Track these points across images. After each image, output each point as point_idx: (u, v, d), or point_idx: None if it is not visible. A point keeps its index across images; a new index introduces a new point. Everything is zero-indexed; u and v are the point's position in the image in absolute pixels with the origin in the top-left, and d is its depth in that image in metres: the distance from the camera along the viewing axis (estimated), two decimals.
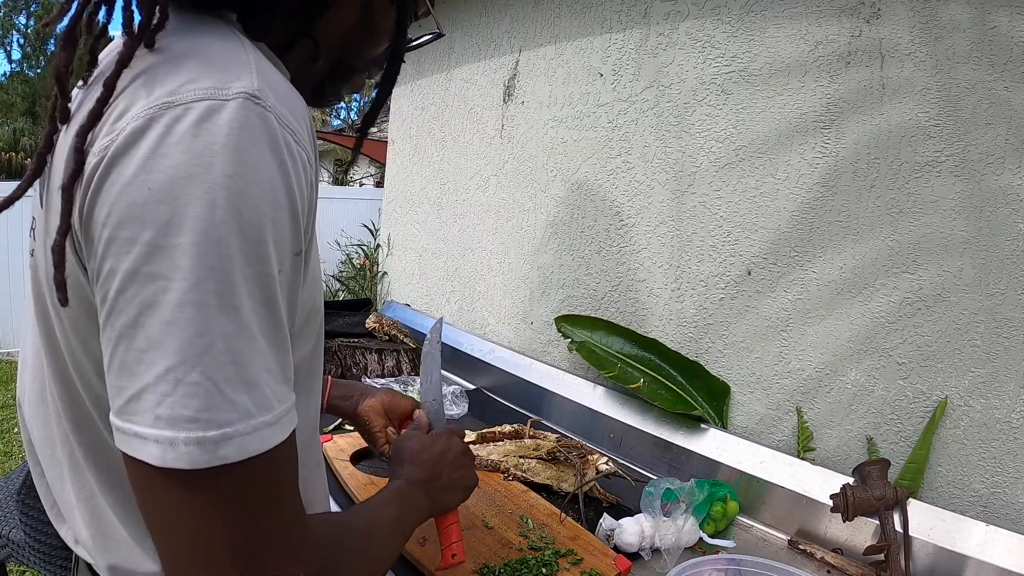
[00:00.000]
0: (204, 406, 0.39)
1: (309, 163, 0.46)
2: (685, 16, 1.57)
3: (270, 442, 0.42)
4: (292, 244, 0.45)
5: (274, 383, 0.43)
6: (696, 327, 1.55)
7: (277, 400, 0.44)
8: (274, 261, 0.42)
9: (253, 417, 0.41)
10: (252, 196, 0.41)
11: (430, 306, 2.51)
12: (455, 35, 2.39)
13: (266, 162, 0.41)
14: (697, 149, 1.54)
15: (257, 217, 0.41)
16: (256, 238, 0.41)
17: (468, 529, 1.08)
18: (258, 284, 0.41)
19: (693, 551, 1.14)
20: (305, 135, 0.46)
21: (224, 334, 0.40)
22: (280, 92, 0.45)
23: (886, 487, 1.11)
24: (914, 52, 1.19)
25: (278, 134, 0.42)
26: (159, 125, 0.40)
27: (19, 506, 1.04)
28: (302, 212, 0.45)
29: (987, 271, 1.12)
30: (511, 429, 1.47)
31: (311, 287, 0.54)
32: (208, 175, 0.39)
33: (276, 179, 0.42)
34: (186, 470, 0.39)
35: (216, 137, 0.40)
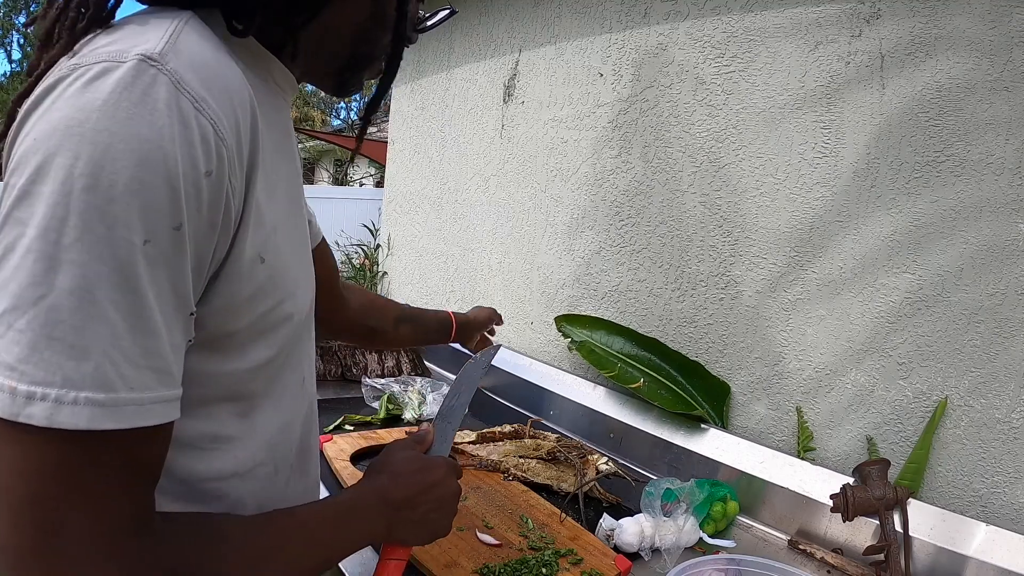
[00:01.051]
0: (23, 356, 0.38)
1: (217, 135, 0.44)
2: (685, 16, 1.57)
3: (96, 423, 0.39)
4: (169, 215, 0.41)
5: (123, 362, 0.40)
6: (696, 327, 1.55)
7: (124, 383, 0.40)
8: (137, 228, 0.40)
9: (75, 388, 0.38)
10: (117, 154, 0.39)
11: (430, 306, 2.51)
12: (455, 35, 2.40)
13: (145, 122, 0.40)
14: (697, 149, 1.54)
15: (119, 176, 0.39)
16: (113, 197, 0.39)
17: (468, 530, 1.08)
18: (109, 246, 0.39)
19: (693, 551, 1.14)
20: (216, 105, 0.44)
21: (59, 289, 0.38)
22: (198, 62, 0.44)
23: (886, 487, 1.11)
24: (914, 52, 1.19)
25: (172, 98, 0.41)
26: (63, 84, 0.41)
27: None
28: (188, 182, 0.42)
29: (987, 271, 1.12)
30: (511, 429, 1.47)
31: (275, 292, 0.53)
32: (80, 128, 0.39)
33: (151, 140, 0.40)
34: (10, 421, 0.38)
35: (99, 94, 0.40)
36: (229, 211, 0.46)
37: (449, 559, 0.98)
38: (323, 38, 0.57)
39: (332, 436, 1.42)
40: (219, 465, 0.55)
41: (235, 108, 0.46)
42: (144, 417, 0.42)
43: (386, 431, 1.51)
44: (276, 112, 0.58)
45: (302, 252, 0.61)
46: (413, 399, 1.69)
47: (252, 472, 0.58)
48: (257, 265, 0.50)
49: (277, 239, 0.53)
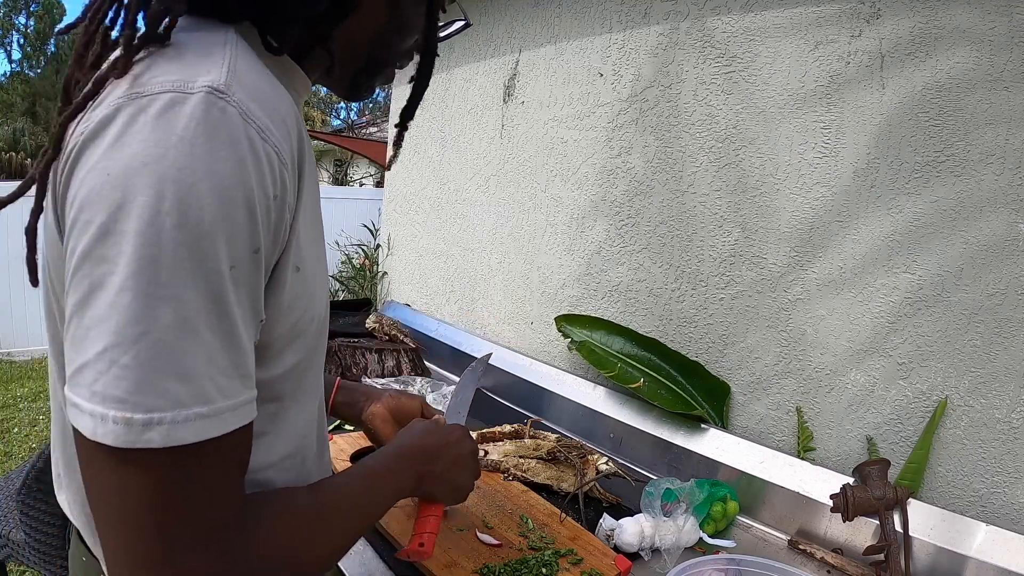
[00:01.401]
0: (133, 389, 0.40)
1: (280, 160, 0.46)
2: (685, 16, 1.57)
3: (204, 434, 0.43)
4: (249, 241, 0.44)
5: (219, 376, 0.43)
6: (696, 327, 1.55)
7: (220, 394, 0.43)
8: (224, 257, 0.42)
9: (185, 407, 0.41)
10: (202, 191, 0.41)
11: (430, 306, 2.51)
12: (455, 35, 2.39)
13: (222, 156, 0.41)
14: (697, 149, 1.54)
15: (205, 212, 0.41)
16: (202, 233, 0.41)
17: (468, 530, 1.08)
18: (204, 279, 0.41)
19: (693, 551, 1.14)
20: (276, 132, 0.46)
21: (161, 324, 0.40)
22: (256, 89, 0.46)
23: (886, 487, 1.11)
24: (914, 52, 1.19)
25: (240, 131, 0.43)
26: (124, 114, 0.42)
27: (19, 506, 1.04)
28: (262, 209, 0.44)
29: (987, 271, 1.12)
30: (511, 429, 1.47)
31: (304, 299, 0.54)
32: (160, 165, 0.40)
33: (231, 174, 0.42)
34: (112, 447, 0.41)
35: (174, 129, 0.41)
36: (286, 228, 0.48)
37: (449, 559, 0.98)
38: (343, 45, 0.59)
39: (332, 436, 1.42)
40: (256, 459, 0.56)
41: (289, 132, 0.48)
42: (238, 419, 0.45)
43: None
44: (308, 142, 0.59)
45: (321, 253, 0.62)
46: None
47: (282, 463, 0.61)
48: (294, 274, 0.52)
49: (311, 251, 0.54)
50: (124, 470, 0.42)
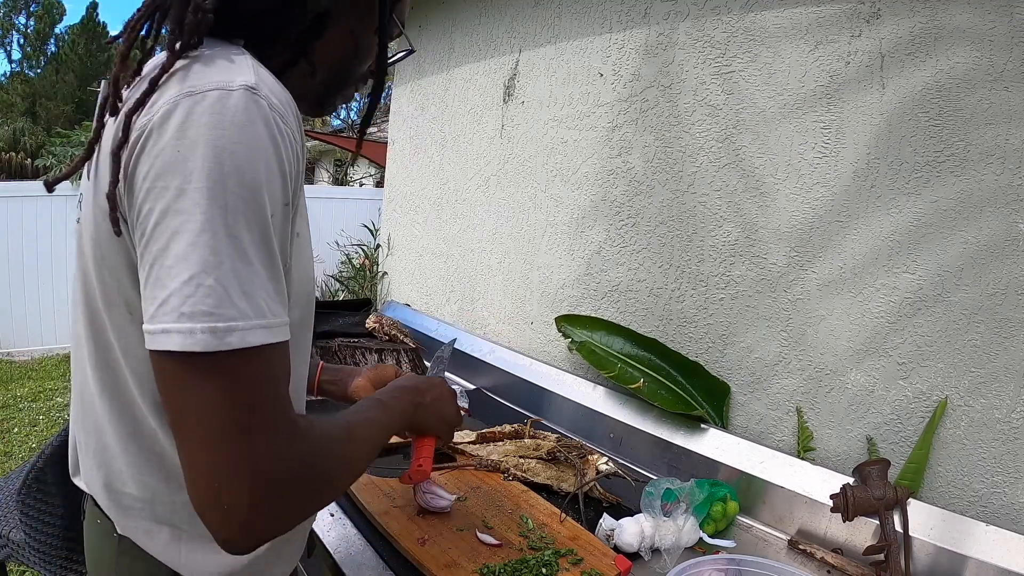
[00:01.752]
0: (217, 304, 0.52)
1: (293, 139, 0.59)
2: (685, 16, 1.57)
3: (265, 340, 0.54)
4: (282, 196, 0.58)
5: (268, 299, 0.55)
6: (696, 327, 1.55)
7: (271, 312, 0.55)
8: (268, 206, 0.55)
9: (251, 319, 0.53)
10: (251, 158, 0.54)
11: (430, 306, 2.51)
12: (455, 35, 2.40)
13: (261, 135, 0.55)
14: (697, 149, 1.54)
15: (255, 173, 0.54)
16: (253, 187, 0.54)
17: (468, 530, 1.08)
18: (256, 222, 0.55)
19: (693, 551, 1.14)
20: (291, 119, 0.59)
21: (230, 255, 0.53)
22: (273, 89, 0.59)
23: (886, 487, 1.11)
24: (914, 52, 1.19)
25: (269, 116, 0.56)
26: (183, 106, 0.54)
27: (19, 506, 1.04)
28: (288, 174, 0.58)
29: (987, 270, 1.12)
30: (511, 429, 1.47)
31: (303, 262, 0.68)
32: (219, 141, 0.53)
33: (268, 147, 0.56)
34: (200, 352, 0.51)
35: (226, 115, 0.54)
36: (298, 196, 0.63)
37: (449, 559, 0.98)
38: (309, 70, 0.72)
39: None
40: None
41: (297, 123, 0.61)
42: (284, 333, 0.57)
43: None
44: None
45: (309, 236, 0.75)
46: None
47: None
48: (296, 238, 0.64)
49: (301, 222, 0.67)
50: (208, 373, 0.52)
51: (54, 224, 5.38)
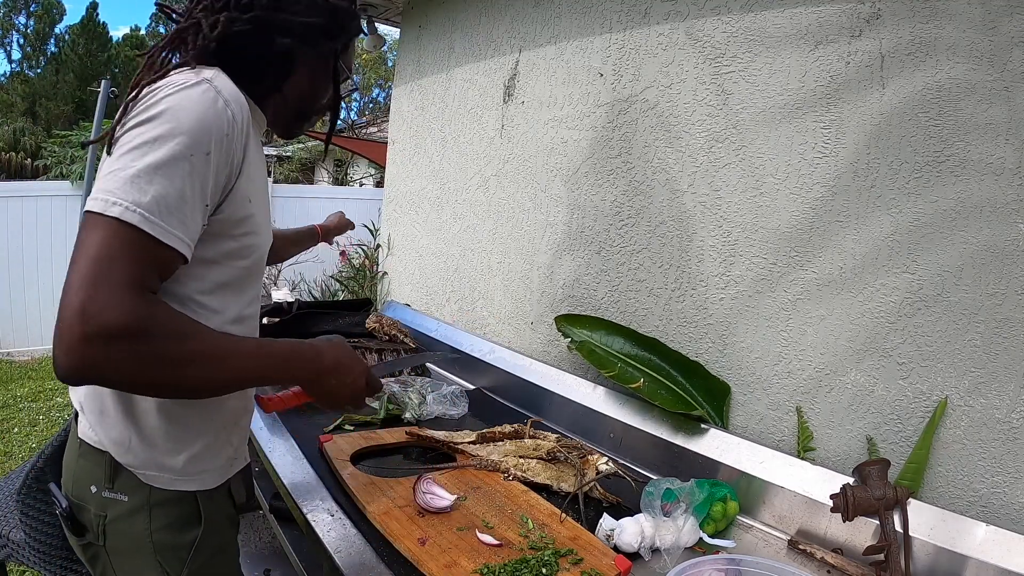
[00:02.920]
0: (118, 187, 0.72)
1: (233, 119, 0.81)
2: (685, 16, 1.57)
3: (139, 223, 0.71)
4: (203, 145, 0.77)
5: (162, 205, 0.73)
6: (696, 327, 1.55)
7: (158, 215, 0.73)
8: (189, 146, 0.76)
9: (136, 205, 0.72)
10: (188, 115, 0.77)
11: (430, 306, 2.51)
12: (455, 35, 2.40)
13: (203, 102, 0.78)
14: (697, 149, 1.54)
15: (186, 124, 0.76)
16: (179, 131, 0.76)
17: (468, 530, 1.08)
18: (170, 151, 0.75)
19: (693, 551, 1.14)
20: (234, 106, 0.82)
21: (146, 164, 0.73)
22: (230, 91, 0.82)
23: (886, 487, 1.11)
24: (914, 52, 1.19)
25: (215, 96, 0.80)
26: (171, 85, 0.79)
27: (19, 506, 1.04)
28: (217, 136, 0.79)
29: (987, 271, 1.12)
30: (511, 429, 1.47)
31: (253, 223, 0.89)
32: (177, 102, 0.77)
33: (204, 111, 0.78)
34: (95, 212, 0.71)
35: (186, 91, 0.78)
36: (234, 160, 0.83)
37: (449, 559, 0.98)
38: (281, 101, 0.98)
39: (332, 436, 1.42)
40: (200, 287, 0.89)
41: (243, 113, 0.84)
42: (164, 236, 0.74)
43: (386, 431, 1.51)
44: (257, 137, 0.93)
45: (267, 216, 0.97)
46: (413, 399, 1.69)
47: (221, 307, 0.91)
48: (248, 203, 0.88)
49: (256, 196, 0.90)
50: (94, 227, 0.71)
51: (54, 224, 5.38)
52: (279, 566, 1.93)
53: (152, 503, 0.87)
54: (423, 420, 1.64)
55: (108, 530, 0.86)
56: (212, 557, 0.92)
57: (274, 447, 1.39)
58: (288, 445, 1.40)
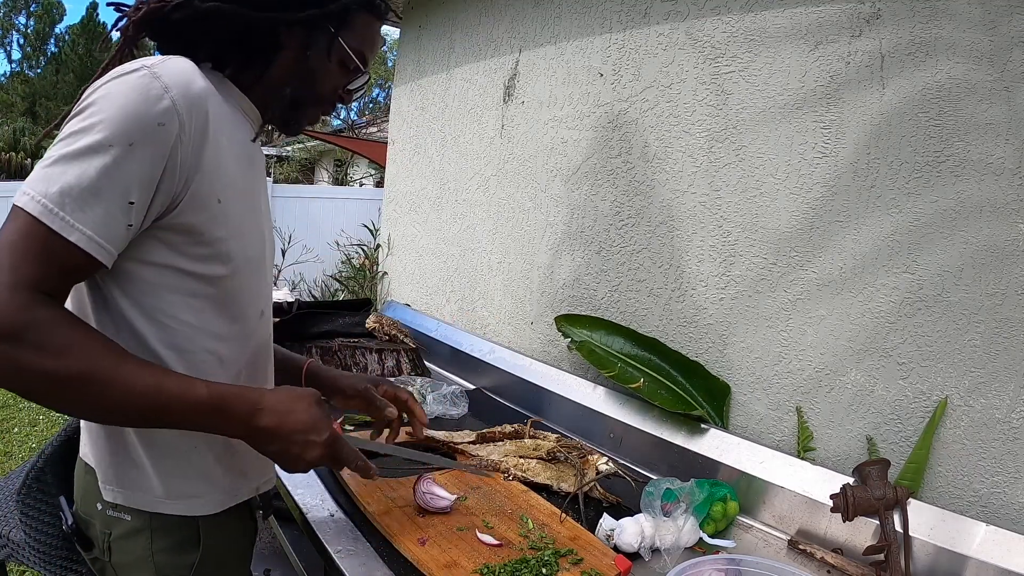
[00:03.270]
0: (33, 178, 0.68)
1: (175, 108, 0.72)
2: (685, 16, 1.57)
3: (40, 215, 0.66)
4: (126, 135, 0.69)
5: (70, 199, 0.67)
6: (696, 327, 1.55)
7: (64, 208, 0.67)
8: (108, 135, 0.68)
9: (42, 196, 0.66)
10: (112, 103, 0.70)
11: (430, 306, 2.51)
12: (455, 35, 2.40)
13: (130, 90, 0.70)
14: (697, 149, 1.54)
15: (108, 112, 0.69)
16: (99, 120, 0.69)
17: (468, 530, 1.08)
18: (87, 141, 0.68)
19: (693, 551, 1.14)
20: (176, 92, 0.72)
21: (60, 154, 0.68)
22: (177, 77, 0.73)
23: (886, 487, 1.11)
24: (914, 52, 1.19)
25: (149, 82, 0.71)
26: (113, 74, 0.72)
27: (19, 506, 1.04)
28: (143, 121, 0.70)
29: (987, 271, 1.12)
30: (511, 429, 1.47)
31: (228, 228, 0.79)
32: (106, 91, 0.70)
33: (129, 99, 0.70)
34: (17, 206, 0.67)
35: (119, 79, 0.71)
36: (176, 155, 0.73)
37: (449, 559, 0.98)
38: (269, 89, 0.87)
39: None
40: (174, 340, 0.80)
41: (190, 101, 0.73)
42: (65, 231, 0.67)
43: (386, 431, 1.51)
44: (238, 129, 0.85)
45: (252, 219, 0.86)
46: None
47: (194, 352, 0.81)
48: (215, 204, 0.78)
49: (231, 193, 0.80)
50: (9, 218, 0.67)
51: None
52: (279, 566, 1.92)
53: (153, 526, 0.82)
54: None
55: (113, 547, 0.83)
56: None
57: None
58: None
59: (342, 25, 0.86)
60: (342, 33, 0.86)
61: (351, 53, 0.87)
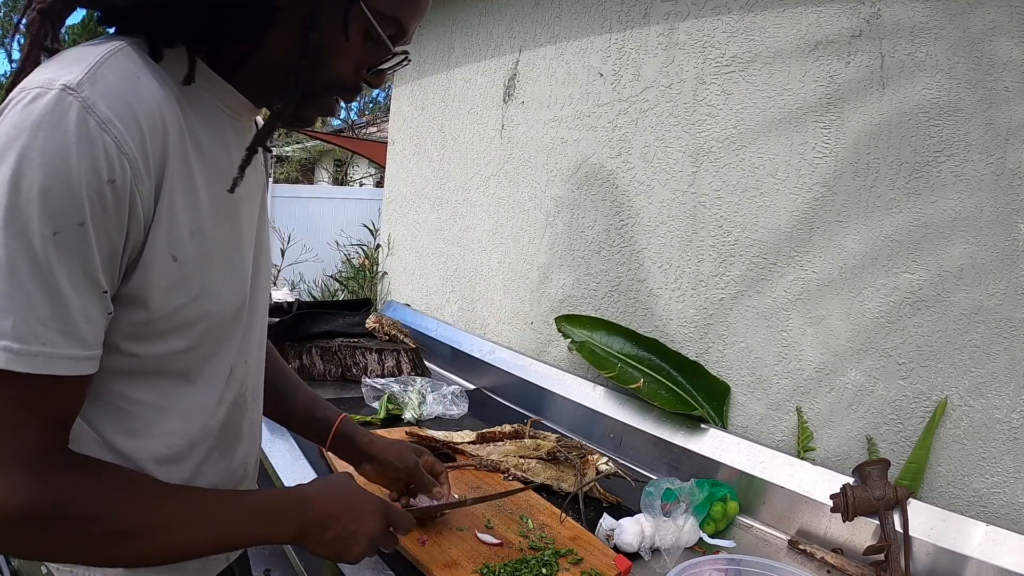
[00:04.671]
0: None
1: (120, 150, 0.52)
2: (685, 16, 1.57)
3: (7, 364, 0.50)
4: (74, 214, 0.51)
5: (36, 323, 0.51)
6: (696, 327, 1.55)
7: (36, 339, 0.51)
8: (48, 223, 0.50)
9: (12, 343, 0.50)
10: (34, 167, 0.49)
11: (430, 306, 2.51)
12: (455, 35, 2.40)
13: (58, 141, 0.50)
14: (697, 149, 1.54)
15: (34, 184, 0.49)
16: (28, 199, 0.50)
17: (468, 530, 1.08)
18: (25, 236, 0.50)
19: (693, 551, 1.14)
20: (122, 126, 0.53)
21: (22, 281, 0.50)
22: (113, 90, 0.53)
23: (886, 487, 1.11)
24: (914, 52, 1.19)
25: (80, 120, 0.51)
26: (12, 103, 0.52)
27: None
28: (90, 188, 0.51)
29: (987, 271, 1.12)
30: (511, 429, 1.47)
31: (189, 289, 0.61)
32: (14, 143, 0.50)
33: (61, 156, 0.50)
34: None
35: (29, 117, 0.50)
36: (136, 211, 0.55)
37: (449, 559, 0.98)
38: (260, 71, 0.64)
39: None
40: (138, 430, 0.65)
41: (142, 128, 0.54)
42: (52, 367, 0.52)
43: (386, 431, 1.51)
44: (215, 133, 0.64)
45: (232, 258, 0.68)
46: (413, 399, 1.69)
47: (169, 442, 0.67)
48: (169, 263, 0.59)
49: (195, 243, 0.61)
50: None
51: None
52: (279, 566, 1.92)
53: None
54: (423, 420, 1.64)
55: None
56: None
57: (274, 447, 1.39)
58: (288, 445, 1.40)
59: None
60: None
61: (375, 23, 0.61)
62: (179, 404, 0.67)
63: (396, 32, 0.65)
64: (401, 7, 0.64)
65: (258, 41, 0.62)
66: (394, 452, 1.01)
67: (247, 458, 0.81)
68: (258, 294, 0.77)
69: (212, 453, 0.73)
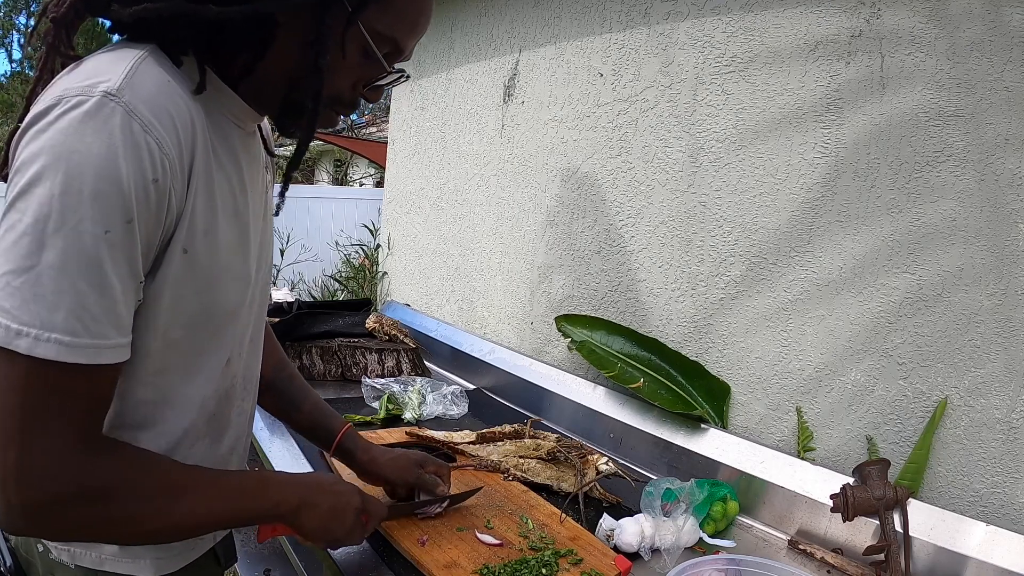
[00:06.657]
0: (16, 305, 0.53)
1: (161, 150, 0.57)
2: (685, 16, 1.57)
3: (58, 356, 0.54)
4: (123, 212, 0.55)
5: (88, 318, 0.55)
6: (696, 327, 1.55)
7: (87, 332, 0.55)
8: (100, 222, 0.54)
9: (47, 330, 0.53)
10: (83, 170, 0.53)
11: (430, 306, 2.51)
12: (455, 35, 2.40)
13: (104, 143, 0.54)
14: (697, 149, 1.54)
15: (85, 186, 0.53)
16: (81, 200, 0.53)
17: (468, 530, 1.08)
18: (78, 236, 0.54)
19: (693, 551, 1.14)
20: (161, 128, 0.57)
21: (44, 265, 0.53)
22: (148, 95, 0.57)
23: (886, 487, 1.11)
24: (914, 52, 1.19)
25: (126, 124, 0.55)
26: (52, 111, 0.55)
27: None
28: (137, 187, 0.56)
29: (987, 271, 1.12)
30: (511, 429, 1.47)
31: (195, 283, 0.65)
32: (60, 149, 0.53)
33: (109, 158, 0.54)
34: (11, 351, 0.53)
35: (73, 122, 0.54)
36: (171, 208, 0.60)
37: (449, 559, 0.98)
38: (263, 82, 0.67)
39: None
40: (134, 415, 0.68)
41: (177, 129, 0.59)
42: (100, 357, 0.57)
43: (386, 431, 1.51)
44: (225, 139, 0.68)
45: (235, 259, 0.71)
46: (413, 399, 1.69)
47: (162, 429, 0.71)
48: (179, 254, 0.63)
49: (206, 240, 0.65)
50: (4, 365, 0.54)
51: None
52: (279, 566, 1.93)
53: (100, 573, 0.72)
54: (423, 420, 1.64)
55: None
56: None
57: (273, 447, 1.39)
58: (287, 445, 1.40)
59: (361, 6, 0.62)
60: (365, 11, 0.63)
61: (372, 43, 0.64)
62: (175, 398, 0.71)
63: (393, 51, 0.68)
64: (398, 27, 0.66)
65: (262, 54, 0.65)
66: (396, 471, 1.05)
67: (235, 444, 0.85)
68: (257, 293, 0.81)
69: (201, 440, 0.77)
